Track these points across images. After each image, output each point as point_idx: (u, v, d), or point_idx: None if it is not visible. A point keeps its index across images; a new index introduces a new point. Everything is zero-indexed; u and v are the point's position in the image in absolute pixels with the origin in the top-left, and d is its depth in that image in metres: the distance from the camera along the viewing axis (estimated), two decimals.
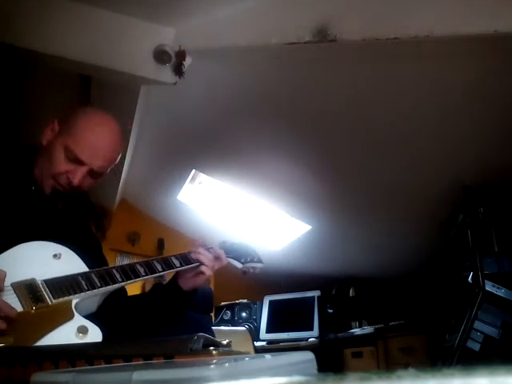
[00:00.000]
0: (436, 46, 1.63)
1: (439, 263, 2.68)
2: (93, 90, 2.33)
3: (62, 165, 1.20)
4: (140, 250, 3.91)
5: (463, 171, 2.37)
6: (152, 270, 1.24)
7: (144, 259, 1.29)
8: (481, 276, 2.09)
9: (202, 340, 0.74)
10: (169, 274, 1.34)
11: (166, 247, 4.01)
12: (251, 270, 1.57)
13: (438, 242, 2.65)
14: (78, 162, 1.20)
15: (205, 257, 1.35)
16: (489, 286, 2.07)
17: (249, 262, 1.54)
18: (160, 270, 1.26)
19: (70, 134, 1.21)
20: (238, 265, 1.51)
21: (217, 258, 1.38)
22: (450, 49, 1.66)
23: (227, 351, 0.75)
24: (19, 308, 0.98)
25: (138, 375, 0.49)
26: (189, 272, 1.36)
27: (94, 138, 1.22)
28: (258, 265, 1.58)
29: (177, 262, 1.31)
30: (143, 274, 1.21)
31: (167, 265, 1.28)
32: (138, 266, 1.22)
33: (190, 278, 1.36)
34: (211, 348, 0.73)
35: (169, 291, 1.37)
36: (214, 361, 0.65)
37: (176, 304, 1.36)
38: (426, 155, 2.36)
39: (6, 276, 0.99)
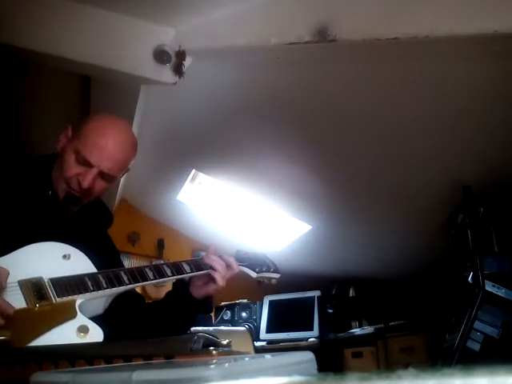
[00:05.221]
0: (436, 46, 1.63)
1: (439, 263, 2.68)
2: (93, 89, 2.32)
3: (72, 168, 1.21)
4: (140, 250, 3.91)
5: (463, 171, 2.37)
6: (161, 275, 1.22)
7: (153, 263, 1.28)
8: (481, 276, 2.09)
9: (202, 340, 0.74)
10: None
11: (166, 247, 4.01)
12: (266, 281, 1.51)
13: (438, 242, 2.65)
14: (88, 164, 1.20)
15: (217, 263, 1.31)
16: (489, 286, 2.07)
17: (264, 271, 1.49)
18: (169, 274, 1.23)
19: (80, 137, 1.22)
20: (253, 274, 1.46)
21: (228, 266, 1.34)
22: (450, 49, 1.66)
23: (227, 351, 0.75)
24: (23, 304, 0.99)
25: (137, 375, 0.49)
26: (200, 280, 1.33)
27: (101, 139, 1.22)
28: (275, 275, 1.51)
29: (187, 268, 1.28)
30: (151, 277, 1.19)
31: (177, 270, 1.26)
32: (147, 270, 1.20)
33: (201, 286, 1.33)
34: (211, 348, 0.73)
35: (180, 300, 1.34)
36: (214, 361, 0.65)
37: (187, 313, 1.34)
38: (426, 155, 2.36)
39: (8, 275, 1.00)
